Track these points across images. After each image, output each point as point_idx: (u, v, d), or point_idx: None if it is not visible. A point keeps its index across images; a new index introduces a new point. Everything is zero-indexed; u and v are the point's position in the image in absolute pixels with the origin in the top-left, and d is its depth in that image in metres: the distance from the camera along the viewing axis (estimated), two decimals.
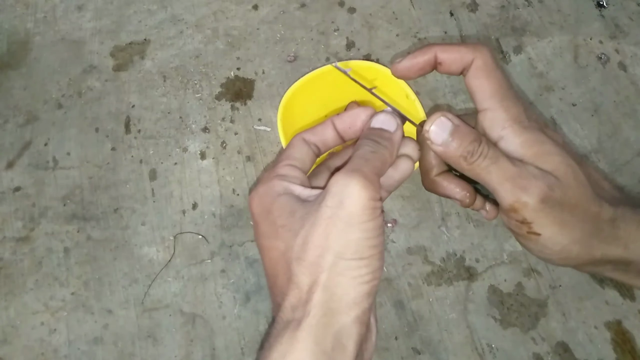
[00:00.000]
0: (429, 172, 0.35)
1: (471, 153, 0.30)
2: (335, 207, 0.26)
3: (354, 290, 0.26)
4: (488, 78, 0.31)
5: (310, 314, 0.26)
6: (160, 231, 0.52)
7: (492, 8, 0.60)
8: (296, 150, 0.31)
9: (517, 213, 0.29)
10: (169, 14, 0.61)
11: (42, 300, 0.50)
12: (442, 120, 0.31)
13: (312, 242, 0.27)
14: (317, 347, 0.25)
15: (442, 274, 0.50)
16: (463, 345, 0.48)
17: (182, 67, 0.58)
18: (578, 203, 0.30)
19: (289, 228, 0.28)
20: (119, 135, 0.55)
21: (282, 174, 0.30)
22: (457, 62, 0.31)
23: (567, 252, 0.30)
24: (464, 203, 0.35)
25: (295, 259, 0.27)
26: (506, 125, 0.30)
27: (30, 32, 0.60)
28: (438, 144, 0.31)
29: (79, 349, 0.48)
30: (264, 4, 0.61)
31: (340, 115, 0.32)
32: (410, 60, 0.32)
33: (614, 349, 0.47)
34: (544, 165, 0.30)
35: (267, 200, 0.29)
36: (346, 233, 0.26)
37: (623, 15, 0.60)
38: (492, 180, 0.30)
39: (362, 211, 0.26)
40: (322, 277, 0.26)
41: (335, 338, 0.26)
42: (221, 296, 0.50)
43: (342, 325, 0.26)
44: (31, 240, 0.52)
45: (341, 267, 0.26)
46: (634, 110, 0.56)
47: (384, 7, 0.61)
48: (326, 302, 0.26)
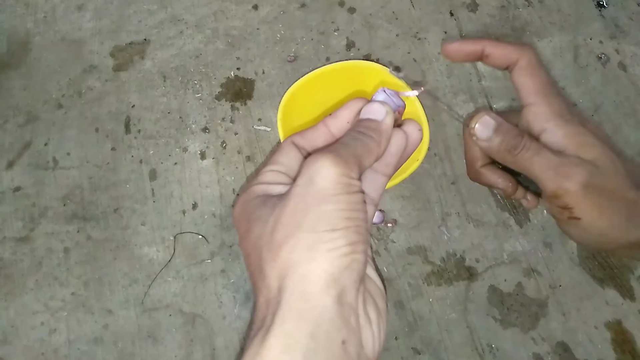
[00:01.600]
0: (474, 163, 0.38)
1: (514, 146, 0.32)
2: (305, 185, 0.25)
3: (330, 264, 0.23)
4: (532, 76, 0.33)
5: (283, 304, 0.23)
6: (160, 231, 0.52)
7: (492, 8, 0.60)
8: (282, 155, 0.31)
9: (559, 199, 0.31)
10: (169, 14, 0.61)
11: (42, 300, 0.50)
12: (485, 118, 0.33)
13: (280, 222, 0.25)
14: (291, 340, 0.22)
15: (442, 274, 0.50)
16: (463, 345, 0.48)
17: (182, 67, 0.58)
18: (616, 190, 0.31)
19: (260, 217, 0.26)
20: (119, 135, 0.55)
21: (262, 181, 0.29)
22: (503, 58, 0.34)
23: (605, 235, 0.32)
24: (507, 192, 0.38)
25: (265, 245, 0.25)
26: (549, 118, 0.32)
27: (30, 32, 0.60)
28: (483, 140, 0.33)
29: (79, 349, 0.48)
30: (264, 4, 0.61)
31: (335, 113, 0.31)
32: (461, 45, 0.34)
33: (614, 349, 0.47)
34: (585, 155, 0.31)
35: (244, 205, 0.28)
36: (317, 206, 0.24)
37: (623, 15, 0.60)
38: (535, 170, 0.32)
39: (333, 185, 0.25)
40: (293, 257, 0.24)
41: (314, 324, 0.23)
42: (221, 296, 0.50)
43: (320, 309, 0.23)
44: (31, 240, 0.52)
45: (314, 241, 0.24)
46: (634, 110, 0.56)
47: (384, 7, 0.60)
48: (300, 283, 0.23)
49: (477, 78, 0.57)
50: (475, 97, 0.56)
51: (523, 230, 0.51)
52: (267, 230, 0.25)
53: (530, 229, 0.51)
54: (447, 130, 0.55)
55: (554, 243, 0.51)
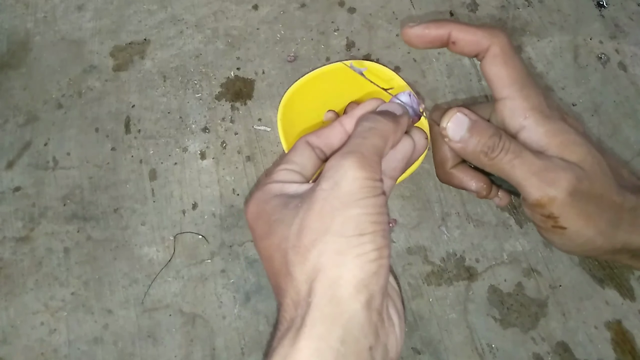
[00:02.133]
0: (444, 164, 0.34)
1: (492, 148, 0.29)
2: (330, 189, 0.25)
3: (360, 270, 0.23)
4: (506, 65, 0.29)
5: (313, 307, 0.23)
6: (160, 231, 0.52)
7: (492, 8, 0.60)
8: (297, 154, 0.30)
9: (544, 208, 0.28)
10: (169, 14, 0.61)
11: (42, 300, 0.50)
12: (458, 116, 0.30)
13: (307, 226, 0.24)
14: (323, 343, 0.23)
15: (442, 274, 0.50)
16: (463, 345, 0.48)
17: (182, 67, 0.58)
18: (603, 194, 0.29)
19: (283, 220, 0.26)
20: (119, 135, 0.55)
21: (277, 180, 0.29)
22: (471, 44, 0.30)
23: (590, 243, 0.30)
24: (480, 194, 0.34)
25: (291, 248, 0.25)
26: (527, 114, 0.29)
27: (30, 32, 0.60)
28: (456, 141, 0.30)
29: (79, 349, 0.48)
30: (264, 4, 0.61)
31: (351, 113, 0.31)
32: (423, 29, 0.30)
33: (613, 349, 0.47)
34: (569, 156, 0.28)
35: (261, 204, 0.28)
36: (345, 210, 0.24)
37: (623, 15, 0.60)
38: (516, 175, 0.28)
39: (359, 189, 0.25)
40: (322, 261, 0.24)
41: (344, 329, 0.23)
42: (221, 296, 0.50)
43: (350, 313, 0.23)
44: (31, 240, 0.52)
45: (343, 245, 0.24)
46: (634, 110, 0.56)
47: (384, 7, 0.60)
48: (330, 288, 0.23)
49: (477, 78, 0.57)
50: (476, 97, 0.56)
51: (523, 230, 0.51)
52: (292, 233, 0.25)
53: (530, 229, 0.51)
54: None
55: None
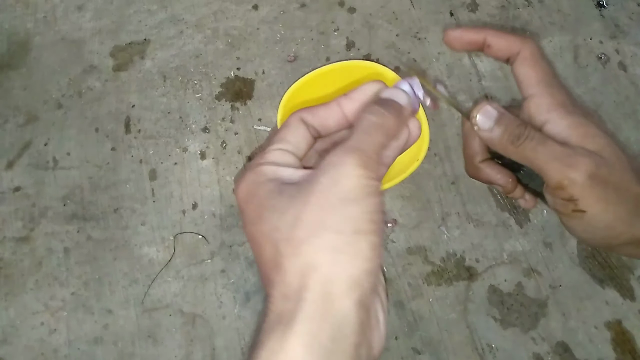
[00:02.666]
0: (473, 158, 0.36)
1: (517, 136, 0.31)
2: (330, 185, 0.25)
3: (355, 268, 0.24)
4: (534, 67, 0.32)
5: (306, 302, 0.23)
6: (160, 231, 0.52)
7: (492, 8, 0.60)
8: (291, 133, 0.29)
9: (564, 190, 0.30)
10: (169, 14, 0.61)
11: (42, 300, 0.50)
12: (487, 108, 0.32)
13: (303, 219, 0.24)
14: (314, 340, 0.23)
15: (442, 274, 0.50)
16: (463, 345, 0.48)
17: (182, 67, 0.58)
18: (622, 182, 0.31)
19: (276, 208, 0.25)
20: (119, 135, 0.55)
21: (271, 161, 0.28)
22: (504, 49, 0.33)
23: (610, 229, 0.31)
24: (507, 189, 0.37)
25: (284, 239, 0.24)
26: (552, 109, 0.31)
27: (30, 32, 0.60)
28: (485, 130, 0.32)
29: (79, 349, 0.48)
30: (264, 4, 0.61)
31: (349, 94, 0.30)
32: (462, 33, 0.34)
33: (613, 348, 0.47)
34: (589, 146, 0.31)
35: (253, 186, 0.27)
36: (343, 208, 0.24)
37: (623, 15, 0.60)
38: (539, 160, 0.31)
39: (359, 188, 0.25)
40: (317, 258, 0.24)
41: (335, 327, 0.23)
42: (221, 296, 0.50)
43: (342, 312, 0.23)
44: (31, 240, 0.52)
45: (339, 243, 0.24)
46: (634, 111, 0.56)
47: (384, 7, 0.60)
48: (324, 285, 0.23)
49: (477, 78, 0.57)
50: (475, 97, 0.56)
51: (523, 230, 0.51)
52: (285, 224, 0.25)
53: (530, 229, 0.51)
54: (447, 130, 0.55)
55: (554, 243, 0.51)
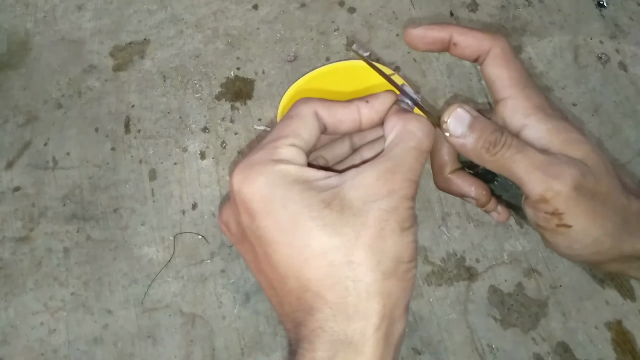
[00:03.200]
0: (443, 169, 0.33)
1: (493, 143, 0.28)
2: (389, 213, 0.25)
3: (409, 292, 0.26)
4: (507, 66, 0.29)
5: (376, 325, 0.24)
6: (160, 231, 0.52)
7: (492, 8, 0.60)
8: (305, 128, 0.28)
9: (548, 203, 0.28)
10: (168, 14, 0.61)
11: (42, 300, 0.50)
12: (459, 111, 0.29)
13: (366, 244, 0.24)
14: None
15: (442, 274, 0.50)
16: (463, 346, 0.48)
17: (182, 67, 0.58)
18: (609, 193, 0.28)
19: (326, 223, 0.25)
20: (119, 135, 0.55)
21: (289, 160, 0.26)
22: (472, 47, 0.30)
23: (598, 245, 0.29)
24: (479, 202, 0.34)
25: (346, 262, 0.24)
26: (529, 112, 0.29)
27: (30, 32, 0.60)
28: (457, 136, 0.29)
29: (79, 349, 0.48)
30: (263, 3, 0.61)
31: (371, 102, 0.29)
32: (425, 31, 0.30)
33: (614, 349, 0.47)
34: (573, 153, 0.28)
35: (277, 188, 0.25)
36: (402, 236, 0.25)
37: (623, 15, 0.60)
38: (519, 170, 0.28)
39: (411, 218, 0.26)
40: (384, 285, 0.24)
41: (395, 348, 0.25)
42: (221, 296, 0.50)
43: (400, 333, 0.25)
44: (31, 240, 0.52)
45: (401, 270, 0.25)
46: (634, 111, 0.56)
47: (384, 6, 0.60)
48: (390, 310, 0.25)
49: (478, 78, 0.57)
50: (476, 97, 0.56)
51: (523, 230, 0.51)
52: (345, 246, 0.24)
53: (531, 229, 0.51)
54: None
55: None
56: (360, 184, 0.25)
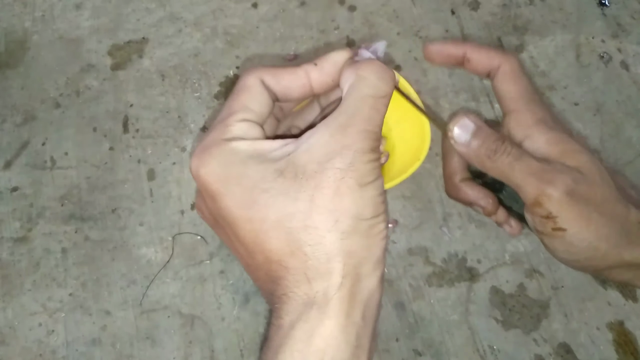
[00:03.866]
0: (453, 177, 0.36)
1: (494, 151, 0.30)
2: (346, 169, 0.24)
3: (378, 248, 0.26)
4: (515, 83, 0.32)
5: (338, 284, 0.24)
6: (159, 232, 0.51)
7: (494, 6, 0.60)
8: (254, 100, 0.27)
9: (542, 207, 0.29)
10: (167, 13, 0.60)
11: (40, 301, 0.49)
12: (465, 121, 0.32)
13: (322, 206, 0.24)
14: (348, 319, 0.24)
15: (443, 275, 0.50)
16: (464, 347, 0.48)
17: (180, 66, 0.58)
18: (604, 200, 0.30)
19: (280, 192, 0.24)
20: (117, 135, 0.55)
21: (241, 136, 0.26)
22: (484, 63, 0.33)
23: (594, 250, 0.30)
24: (486, 210, 0.36)
25: (302, 227, 0.24)
26: (532, 124, 0.31)
27: (28, 30, 0.60)
28: (461, 143, 0.32)
29: (77, 350, 0.48)
30: (263, 2, 0.61)
31: (320, 64, 0.28)
32: (442, 46, 0.33)
33: (616, 350, 0.47)
34: (569, 162, 0.30)
35: (231, 166, 0.25)
36: (363, 192, 0.25)
37: (625, 14, 0.60)
38: (515, 176, 0.30)
39: (372, 170, 0.25)
40: (344, 243, 0.24)
41: (364, 305, 0.25)
42: (220, 297, 0.49)
43: (369, 290, 0.25)
44: (29, 241, 0.51)
45: (363, 227, 0.25)
46: (637, 110, 0.55)
47: (384, 5, 0.60)
48: (354, 268, 0.25)
49: (479, 77, 0.56)
50: (477, 97, 0.56)
51: (525, 231, 0.51)
52: (300, 211, 0.24)
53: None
54: None
55: None
56: (313, 145, 0.25)
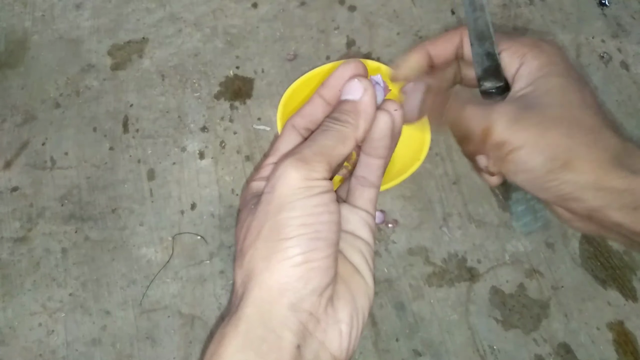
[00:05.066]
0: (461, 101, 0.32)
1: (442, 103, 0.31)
2: (268, 192, 0.25)
3: (284, 274, 0.24)
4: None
5: (241, 307, 0.25)
6: (159, 232, 0.51)
7: (494, 6, 0.60)
8: (283, 142, 0.30)
9: (490, 137, 0.28)
10: (167, 13, 0.60)
11: (40, 301, 0.49)
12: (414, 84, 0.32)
13: (249, 230, 0.26)
14: (246, 342, 0.24)
15: (443, 274, 0.50)
16: (464, 347, 0.48)
17: (180, 66, 0.58)
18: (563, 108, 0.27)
19: (245, 220, 0.27)
20: (117, 135, 0.55)
21: (261, 177, 0.29)
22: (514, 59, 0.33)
23: (559, 168, 0.26)
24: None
25: (238, 251, 0.26)
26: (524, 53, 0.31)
27: (28, 31, 0.60)
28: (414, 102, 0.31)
29: (77, 350, 0.48)
30: (263, 2, 0.61)
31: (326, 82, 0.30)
32: None
33: (615, 350, 0.47)
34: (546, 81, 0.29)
35: (243, 203, 0.28)
36: (275, 215, 0.25)
37: (625, 14, 0.60)
38: (462, 123, 0.30)
39: (292, 191, 0.25)
40: (252, 266, 0.25)
41: (269, 329, 0.24)
42: (220, 297, 0.49)
43: (276, 316, 0.24)
44: (29, 241, 0.51)
45: (268, 251, 0.25)
46: (637, 110, 0.55)
47: (384, 5, 0.60)
48: (259, 292, 0.24)
49: None
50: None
51: (525, 230, 0.51)
52: (240, 236, 0.26)
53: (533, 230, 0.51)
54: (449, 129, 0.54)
55: (556, 243, 0.50)
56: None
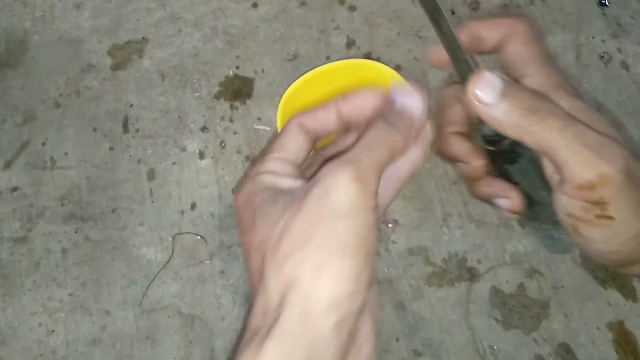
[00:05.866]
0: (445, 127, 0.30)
1: (533, 111, 0.24)
2: (320, 197, 0.23)
3: (337, 288, 0.22)
4: (527, 44, 0.27)
5: (281, 320, 0.22)
6: (159, 232, 0.51)
7: (494, 6, 0.60)
8: (289, 140, 0.28)
9: (594, 191, 0.24)
10: (167, 12, 0.60)
11: (40, 301, 0.49)
12: (488, 77, 0.25)
13: (290, 231, 0.23)
14: (286, 358, 0.22)
15: (443, 275, 0.50)
16: (464, 347, 0.48)
17: (180, 66, 0.58)
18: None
19: (268, 217, 0.24)
20: (117, 135, 0.55)
21: (270, 170, 0.27)
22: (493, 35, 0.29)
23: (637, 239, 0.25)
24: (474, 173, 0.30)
25: (270, 251, 0.23)
26: (550, 90, 0.26)
27: (28, 30, 0.60)
28: (486, 104, 0.25)
29: (77, 350, 0.48)
30: (263, 2, 0.60)
31: (348, 98, 0.28)
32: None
33: (616, 350, 0.47)
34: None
35: (250, 195, 0.26)
36: (331, 223, 0.23)
37: (625, 14, 0.60)
38: (565, 147, 0.24)
39: (349, 203, 0.23)
40: (298, 273, 0.22)
41: (310, 348, 0.22)
42: (220, 297, 0.49)
43: (318, 333, 0.22)
44: (29, 241, 0.51)
45: (323, 259, 0.22)
46: (637, 110, 0.55)
47: (384, 5, 0.60)
48: (302, 302, 0.22)
49: None
50: None
51: (525, 230, 0.51)
52: (274, 235, 0.24)
53: (533, 230, 0.51)
54: None
55: None
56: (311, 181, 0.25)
